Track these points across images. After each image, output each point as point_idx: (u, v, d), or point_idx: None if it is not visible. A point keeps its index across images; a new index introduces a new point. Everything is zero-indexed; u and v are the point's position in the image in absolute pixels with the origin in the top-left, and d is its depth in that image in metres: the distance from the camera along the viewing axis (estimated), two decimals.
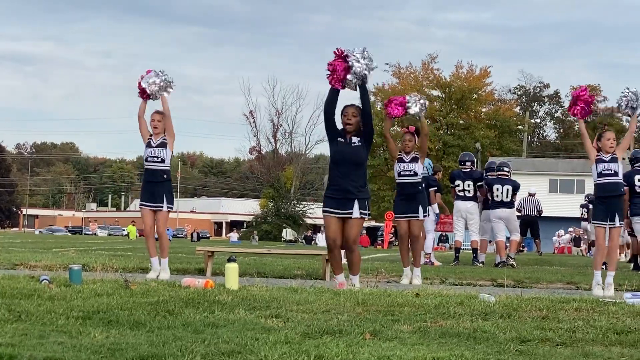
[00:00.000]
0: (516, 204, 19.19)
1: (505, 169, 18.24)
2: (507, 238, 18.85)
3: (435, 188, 18.03)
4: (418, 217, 11.81)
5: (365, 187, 9.59)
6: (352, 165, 9.45)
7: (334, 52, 9.52)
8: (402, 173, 11.84)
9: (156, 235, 11.20)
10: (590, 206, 26.89)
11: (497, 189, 17.86)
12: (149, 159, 11.11)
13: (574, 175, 66.30)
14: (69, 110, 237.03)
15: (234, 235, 68.64)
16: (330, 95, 9.57)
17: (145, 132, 11.24)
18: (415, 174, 11.78)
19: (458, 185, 18.16)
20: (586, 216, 26.16)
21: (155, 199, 11.07)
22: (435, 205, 18.06)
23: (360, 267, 12.91)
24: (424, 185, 11.80)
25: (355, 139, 9.51)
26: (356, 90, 9.53)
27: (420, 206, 11.82)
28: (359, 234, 9.74)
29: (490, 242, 19.91)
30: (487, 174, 18.77)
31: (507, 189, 17.89)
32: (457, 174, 18.52)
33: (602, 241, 10.37)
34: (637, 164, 16.25)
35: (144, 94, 11.22)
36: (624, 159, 10.85)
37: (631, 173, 16.17)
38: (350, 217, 9.44)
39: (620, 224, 10.38)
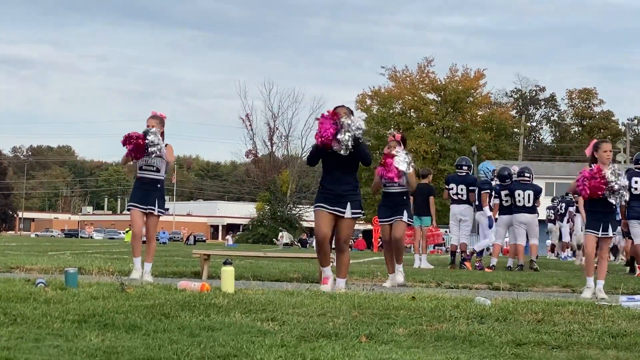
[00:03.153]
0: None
1: (527, 174, 18.35)
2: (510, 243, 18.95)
3: (488, 191, 17.98)
4: (402, 218, 11.84)
5: (357, 189, 9.68)
6: (344, 170, 9.55)
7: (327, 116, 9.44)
8: (387, 184, 11.88)
9: (144, 238, 11.14)
10: (559, 206, 26.56)
11: (519, 194, 17.98)
12: (144, 167, 10.93)
13: (570, 178, 66.33)
14: (65, 114, 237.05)
15: (230, 239, 68.59)
16: (316, 154, 9.63)
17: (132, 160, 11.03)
18: (401, 185, 11.80)
19: (452, 189, 18.31)
20: (553, 217, 26.15)
21: (146, 201, 10.92)
22: (487, 208, 17.98)
23: (356, 271, 12.94)
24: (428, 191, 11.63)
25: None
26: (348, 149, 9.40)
27: (405, 211, 11.89)
28: (351, 234, 9.82)
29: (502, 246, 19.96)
30: (505, 180, 18.58)
31: (529, 194, 18.07)
32: (452, 177, 18.77)
33: (592, 249, 10.36)
34: (638, 166, 16.11)
35: (133, 153, 10.82)
36: None
37: (629, 175, 16.05)
38: (343, 217, 9.51)
39: (612, 235, 10.41)
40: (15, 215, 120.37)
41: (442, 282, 12.15)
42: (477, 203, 18.16)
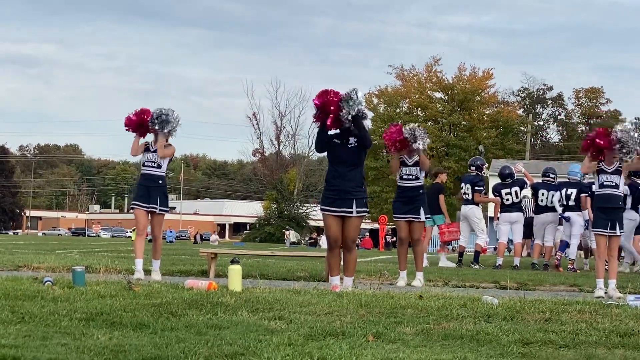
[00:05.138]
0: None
1: (551, 174, 18.31)
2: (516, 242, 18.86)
3: (587, 194, 17.55)
4: (419, 218, 11.77)
5: (362, 186, 9.62)
6: (350, 165, 9.49)
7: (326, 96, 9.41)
8: (404, 177, 11.83)
9: (149, 237, 11.27)
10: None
11: (543, 194, 17.95)
12: (146, 163, 11.26)
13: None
14: (72, 113, 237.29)
15: (214, 237, 69.37)
16: (322, 137, 9.60)
17: (141, 148, 11.40)
18: (417, 178, 11.77)
19: (462, 189, 18.36)
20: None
21: (149, 200, 11.14)
22: (587, 212, 17.20)
23: (363, 270, 12.93)
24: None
25: (352, 140, 9.52)
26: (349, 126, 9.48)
27: (421, 208, 11.78)
28: (358, 233, 9.77)
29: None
30: (506, 179, 18.44)
31: (552, 194, 18.01)
32: (463, 177, 18.86)
33: (603, 249, 10.31)
34: None
35: (139, 130, 11.29)
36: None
37: None
38: (350, 216, 9.47)
39: (620, 233, 10.35)
40: (22, 214, 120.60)
41: (449, 281, 12.14)
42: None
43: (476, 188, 18.15)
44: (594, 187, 10.57)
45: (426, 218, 11.92)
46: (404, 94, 78.90)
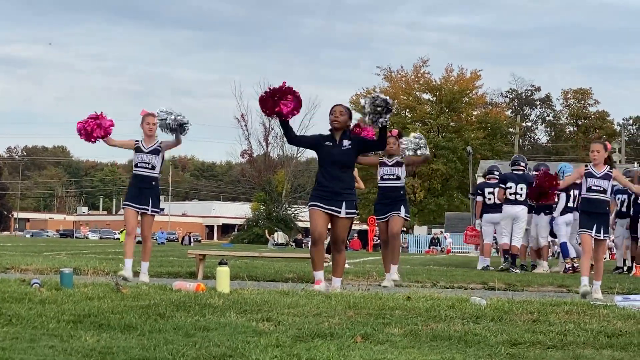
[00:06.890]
0: None
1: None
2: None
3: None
4: (399, 213, 11.75)
5: (352, 188, 9.57)
6: (341, 167, 9.43)
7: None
8: (384, 177, 11.81)
9: (139, 238, 11.19)
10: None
11: (511, 187, 17.42)
12: (139, 164, 10.96)
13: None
14: (61, 114, 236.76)
15: (191, 239, 70.65)
16: (283, 128, 9.58)
17: (128, 143, 11.17)
18: (398, 178, 11.75)
19: (509, 188, 17.41)
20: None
21: (140, 201, 10.91)
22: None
23: (352, 271, 12.93)
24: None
25: (345, 142, 9.46)
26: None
27: (402, 206, 11.77)
28: (347, 234, 9.73)
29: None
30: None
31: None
32: (509, 176, 17.65)
33: (588, 247, 10.32)
34: None
35: (90, 137, 10.90)
36: None
37: None
38: (338, 216, 9.43)
39: (605, 237, 10.36)
40: (10, 216, 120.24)
41: (437, 282, 12.15)
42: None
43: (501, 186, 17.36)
44: (582, 190, 10.52)
45: (406, 217, 11.86)
46: (392, 95, 78.97)
